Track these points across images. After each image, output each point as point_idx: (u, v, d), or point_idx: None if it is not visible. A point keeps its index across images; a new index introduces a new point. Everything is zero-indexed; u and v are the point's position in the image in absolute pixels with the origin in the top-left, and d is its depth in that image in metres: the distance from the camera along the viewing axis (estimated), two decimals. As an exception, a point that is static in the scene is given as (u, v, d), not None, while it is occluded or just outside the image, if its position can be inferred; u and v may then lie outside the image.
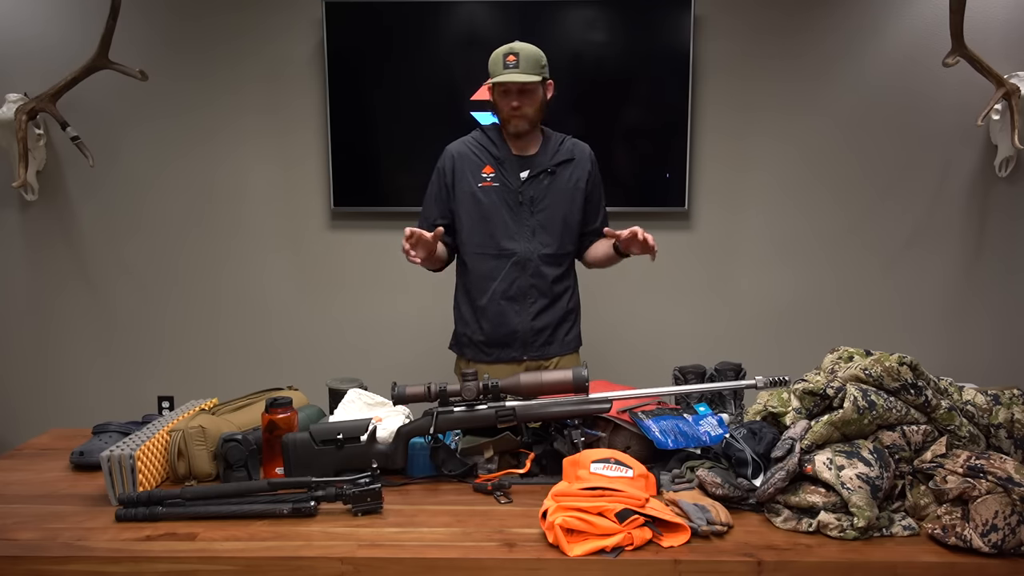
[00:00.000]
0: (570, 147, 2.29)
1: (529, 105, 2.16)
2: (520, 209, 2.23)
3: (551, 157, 2.25)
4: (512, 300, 2.24)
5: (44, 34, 3.20)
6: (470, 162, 2.25)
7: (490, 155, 2.25)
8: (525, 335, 2.27)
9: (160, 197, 3.32)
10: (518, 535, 1.35)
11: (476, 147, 2.27)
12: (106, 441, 1.73)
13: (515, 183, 2.23)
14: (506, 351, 2.28)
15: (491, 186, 2.23)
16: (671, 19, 3.12)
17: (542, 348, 2.29)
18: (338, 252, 3.36)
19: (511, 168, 2.24)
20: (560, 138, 2.30)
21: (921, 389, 1.45)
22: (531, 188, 2.23)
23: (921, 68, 3.15)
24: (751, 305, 3.35)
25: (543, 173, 2.24)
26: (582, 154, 2.30)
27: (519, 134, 2.21)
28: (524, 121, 2.17)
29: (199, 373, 3.41)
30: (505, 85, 2.14)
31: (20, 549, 1.33)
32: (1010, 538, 1.25)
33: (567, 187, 2.26)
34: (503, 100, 2.17)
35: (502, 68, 2.12)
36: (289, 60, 3.24)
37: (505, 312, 2.25)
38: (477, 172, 2.24)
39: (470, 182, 2.23)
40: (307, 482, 1.46)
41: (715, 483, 1.42)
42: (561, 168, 2.26)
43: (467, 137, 2.31)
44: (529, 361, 2.29)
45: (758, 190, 3.29)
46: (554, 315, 2.29)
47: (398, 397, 1.60)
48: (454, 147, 2.29)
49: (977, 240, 3.28)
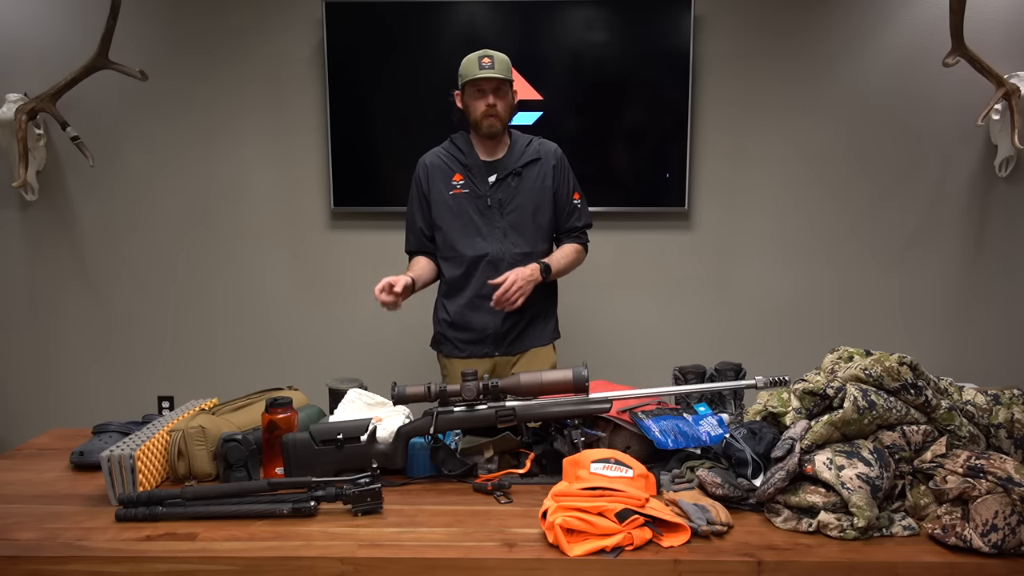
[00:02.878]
0: (536, 147, 2.36)
1: (503, 105, 2.25)
2: (490, 212, 2.31)
3: (517, 159, 2.33)
4: (485, 299, 2.28)
5: (44, 34, 3.20)
6: (441, 171, 2.35)
7: (459, 163, 2.34)
8: (496, 333, 2.34)
9: (160, 197, 3.32)
10: (518, 535, 1.35)
11: (446, 156, 2.36)
12: (106, 441, 1.73)
13: (484, 188, 2.31)
14: (478, 347, 2.37)
15: (461, 193, 2.32)
16: (671, 19, 3.12)
17: (513, 344, 2.38)
18: (338, 252, 3.36)
19: (479, 173, 2.32)
20: (527, 139, 2.38)
21: (921, 389, 1.45)
22: (499, 191, 2.31)
23: (921, 68, 3.15)
24: (751, 305, 3.35)
25: (510, 175, 2.31)
26: (547, 153, 2.36)
27: (492, 135, 2.27)
28: (497, 120, 2.25)
29: (199, 373, 3.41)
30: (480, 84, 2.22)
31: (20, 549, 1.33)
32: (1010, 538, 1.25)
33: (534, 187, 2.33)
34: (478, 100, 2.25)
35: (478, 69, 2.21)
36: (289, 60, 3.24)
37: (476, 309, 2.33)
38: (448, 180, 2.33)
39: (442, 191, 2.33)
40: (307, 482, 1.46)
41: (715, 483, 1.42)
42: (527, 168, 2.33)
43: (439, 147, 2.40)
44: (499, 357, 2.37)
45: (758, 190, 3.29)
46: (527, 314, 2.35)
47: (398, 397, 1.60)
48: (427, 158, 2.39)
49: (977, 240, 3.28)
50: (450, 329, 2.39)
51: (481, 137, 2.31)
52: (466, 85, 2.25)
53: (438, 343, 2.46)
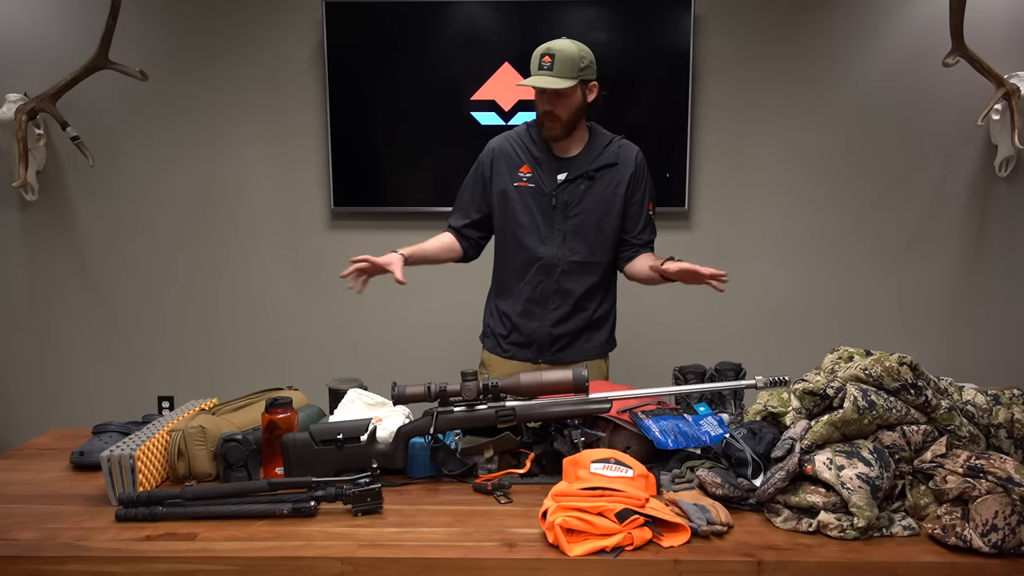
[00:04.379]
0: (616, 150, 2.18)
1: (563, 109, 2.07)
2: (553, 213, 2.15)
3: (593, 160, 2.16)
4: (535, 303, 2.21)
5: (44, 34, 3.20)
6: (509, 159, 2.19)
7: (530, 154, 2.18)
8: (543, 340, 2.23)
9: (160, 197, 3.32)
10: (518, 535, 1.35)
11: (518, 144, 2.20)
12: (106, 441, 1.73)
13: (550, 186, 2.15)
14: (522, 351, 2.26)
15: (526, 187, 2.16)
16: (671, 19, 3.12)
17: (558, 353, 2.24)
18: (338, 252, 3.35)
19: (548, 170, 2.16)
20: (608, 139, 2.21)
21: (921, 389, 1.45)
22: (566, 192, 2.15)
23: (921, 68, 3.15)
24: (751, 305, 3.35)
25: (581, 178, 2.14)
26: (627, 157, 2.19)
27: (553, 138, 2.13)
28: (556, 125, 2.09)
29: (199, 373, 3.41)
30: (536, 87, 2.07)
31: (20, 549, 1.33)
32: (1010, 538, 1.25)
33: (606, 193, 2.16)
34: (537, 102, 2.11)
35: (537, 69, 2.04)
36: (289, 60, 3.23)
37: (526, 314, 2.23)
38: (515, 171, 2.18)
39: (506, 180, 2.18)
40: (307, 482, 1.46)
41: (715, 483, 1.42)
42: (602, 173, 2.16)
43: (512, 132, 2.24)
44: (544, 364, 2.26)
45: (758, 190, 3.29)
46: (576, 323, 2.23)
47: (398, 397, 1.60)
48: (496, 142, 2.23)
49: (977, 240, 3.28)
50: (500, 327, 2.27)
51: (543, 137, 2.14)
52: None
53: (485, 336, 2.35)
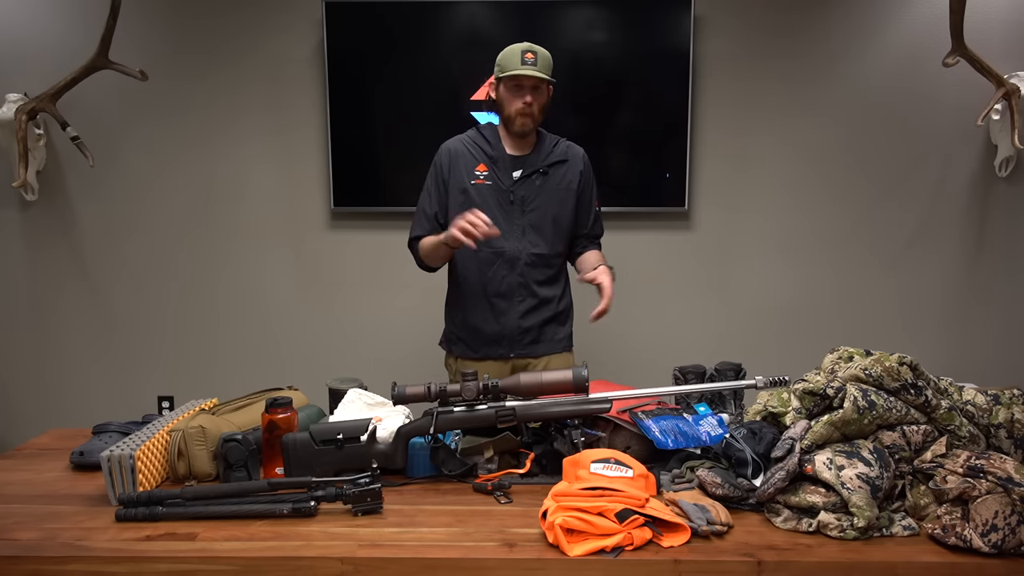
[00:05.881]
0: (564, 149, 2.30)
1: (538, 104, 2.18)
2: (511, 208, 2.24)
3: (544, 157, 2.27)
4: (500, 297, 2.25)
5: (44, 34, 3.20)
6: (465, 159, 2.26)
7: (484, 153, 2.26)
8: (512, 333, 2.28)
9: (160, 197, 3.32)
10: (518, 535, 1.35)
11: (471, 145, 2.28)
12: (106, 441, 1.73)
13: (507, 182, 2.24)
14: (494, 348, 2.30)
15: (484, 184, 2.24)
16: (671, 19, 3.12)
17: (529, 347, 2.30)
18: (338, 252, 3.36)
19: (504, 167, 2.25)
20: (554, 139, 2.32)
21: (921, 389, 1.45)
22: (523, 188, 2.25)
23: (921, 68, 3.16)
24: (751, 305, 3.35)
25: (536, 173, 2.25)
26: (575, 156, 2.31)
27: (523, 134, 2.22)
28: (531, 120, 2.19)
29: (199, 373, 3.41)
30: (520, 80, 2.15)
31: (20, 549, 1.33)
32: (1010, 538, 1.25)
33: (559, 188, 2.27)
34: (514, 96, 2.17)
35: (520, 63, 2.13)
36: (289, 60, 3.23)
37: (493, 310, 2.27)
38: (471, 169, 2.25)
39: (463, 179, 2.25)
40: (307, 482, 1.46)
41: (715, 483, 1.42)
42: (554, 169, 2.27)
43: (463, 135, 2.32)
44: (516, 359, 2.31)
45: (758, 190, 3.29)
46: (542, 315, 2.30)
47: (398, 397, 1.60)
48: (450, 144, 2.31)
49: (977, 240, 3.28)
50: (463, 329, 2.31)
51: (510, 133, 2.23)
52: (504, 78, 2.16)
53: (450, 343, 2.37)
